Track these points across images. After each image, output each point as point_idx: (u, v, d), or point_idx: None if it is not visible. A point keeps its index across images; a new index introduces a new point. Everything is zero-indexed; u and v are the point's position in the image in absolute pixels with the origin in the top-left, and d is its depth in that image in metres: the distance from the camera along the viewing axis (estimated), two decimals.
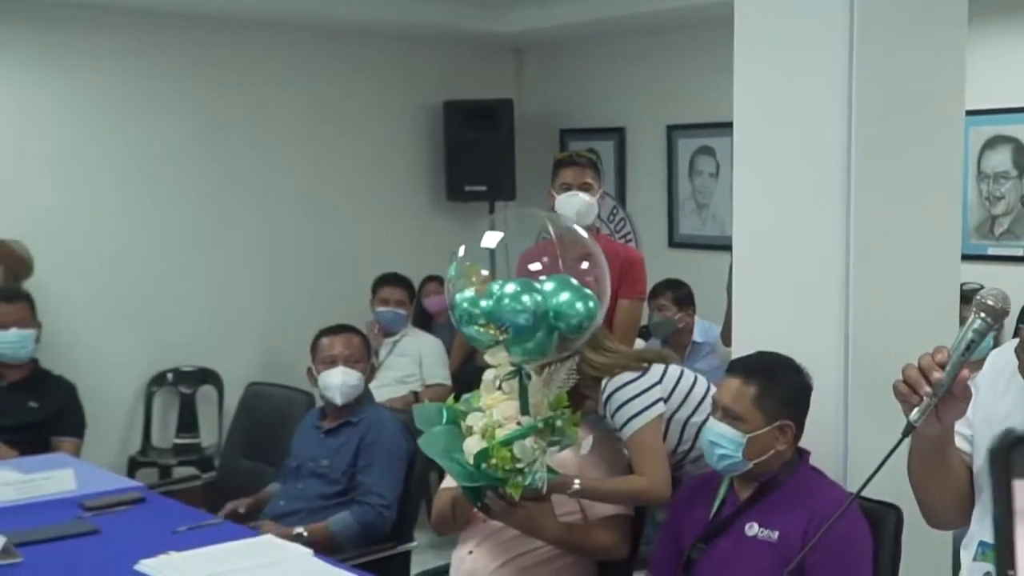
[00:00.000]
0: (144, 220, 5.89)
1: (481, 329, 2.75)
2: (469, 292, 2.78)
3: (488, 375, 2.88)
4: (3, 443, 4.20)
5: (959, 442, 1.93)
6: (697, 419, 3.19)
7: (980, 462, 1.93)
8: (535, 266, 2.81)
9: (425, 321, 6.30)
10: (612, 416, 3.06)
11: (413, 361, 5.65)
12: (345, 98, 6.64)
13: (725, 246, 6.19)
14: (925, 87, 3.32)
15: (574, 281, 2.79)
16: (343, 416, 3.77)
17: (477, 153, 6.84)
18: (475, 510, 3.02)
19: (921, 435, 1.81)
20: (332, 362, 3.80)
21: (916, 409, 1.72)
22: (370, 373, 3.90)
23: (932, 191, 3.38)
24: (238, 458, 4.32)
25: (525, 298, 2.70)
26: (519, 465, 2.74)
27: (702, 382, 3.28)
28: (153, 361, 5.97)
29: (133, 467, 5.65)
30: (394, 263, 6.10)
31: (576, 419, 2.92)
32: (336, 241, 6.53)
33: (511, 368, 2.83)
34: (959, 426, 1.91)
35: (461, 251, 2.90)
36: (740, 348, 3.19)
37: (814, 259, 3.25)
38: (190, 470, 5.61)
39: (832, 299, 3.20)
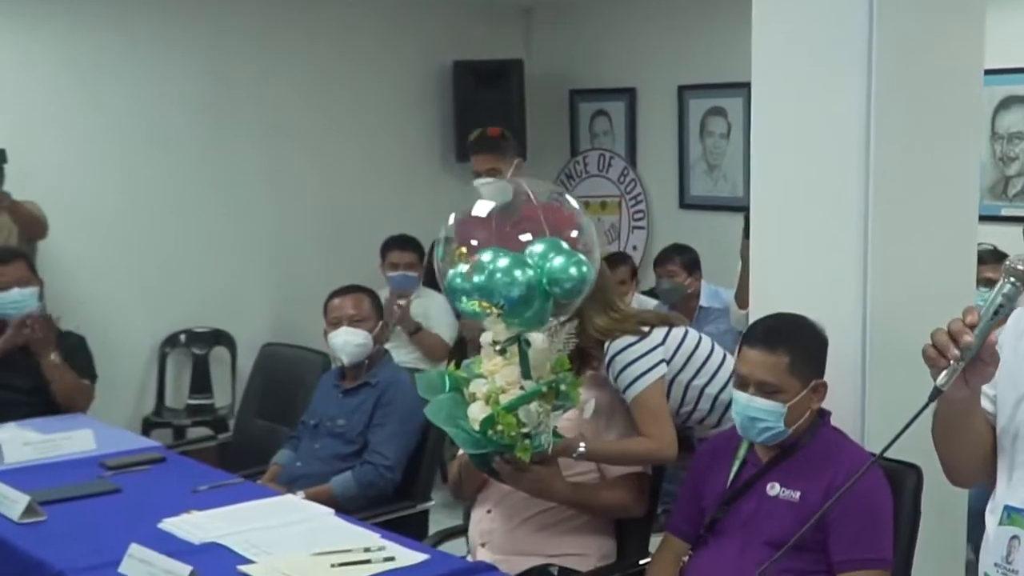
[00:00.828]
0: (155, 182, 5.88)
1: (476, 304, 2.76)
2: (463, 267, 2.79)
3: (486, 338, 2.88)
4: (23, 405, 4.20)
5: (983, 402, 1.94)
6: (699, 382, 3.23)
7: (1004, 421, 1.94)
8: (525, 236, 2.81)
9: (435, 283, 6.29)
10: (615, 379, 3.08)
11: (423, 321, 5.66)
12: (354, 59, 6.60)
13: (736, 207, 6.24)
14: (945, 47, 3.30)
15: (564, 244, 2.80)
16: (362, 377, 3.80)
17: (487, 114, 6.77)
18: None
19: (947, 398, 1.82)
20: (337, 323, 3.82)
21: (944, 373, 1.73)
22: (382, 332, 3.88)
23: (950, 152, 3.37)
24: (253, 418, 4.35)
25: (517, 272, 2.71)
26: (524, 430, 2.76)
27: (706, 343, 3.31)
28: (166, 323, 5.98)
29: (147, 427, 5.68)
30: (405, 224, 6.08)
31: (579, 382, 2.94)
32: (346, 202, 6.51)
33: (508, 338, 2.83)
34: (983, 386, 1.92)
35: (451, 221, 2.91)
36: (757, 311, 3.19)
37: (832, 220, 3.24)
38: (204, 431, 5.64)
39: (850, 260, 3.20)
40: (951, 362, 1.72)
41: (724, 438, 2.89)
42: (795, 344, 2.69)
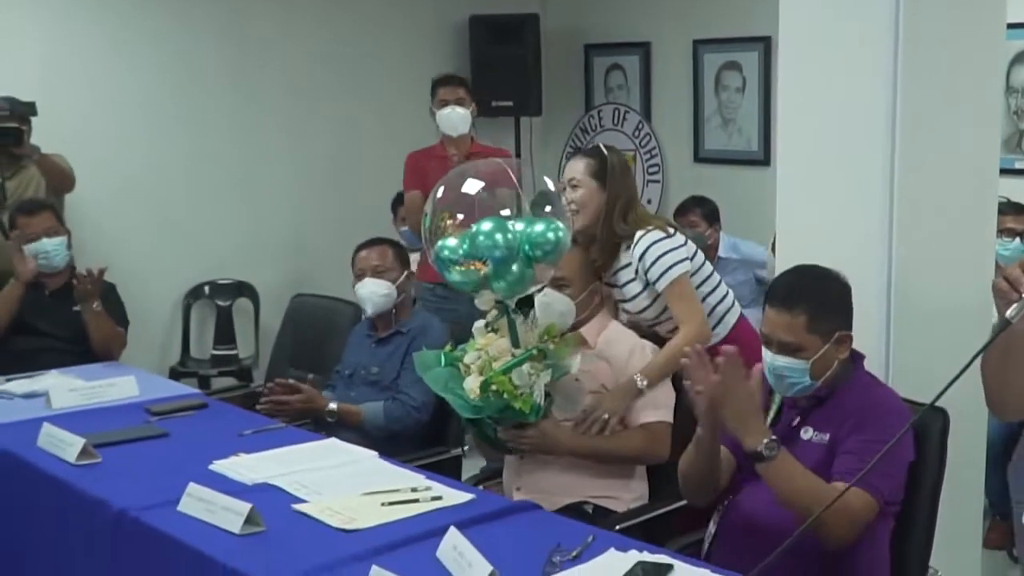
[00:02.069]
0: (179, 137, 5.94)
1: (462, 269, 2.99)
2: (451, 241, 3.03)
3: (478, 325, 3.16)
4: (57, 352, 4.30)
5: None
6: (705, 289, 3.52)
7: None
8: (505, 211, 3.08)
9: None
10: (647, 271, 3.37)
11: None
12: (371, 14, 6.63)
13: (750, 161, 6.33)
14: (969, 3, 3.37)
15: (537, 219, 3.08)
16: (392, 326, 3.89)
17: (503, 68, 6.85)
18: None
19: (1011, 330, 1.90)
20: (362, 274, 3.91)
21: (1015, 306, 1.81)
22: (406, 282, 3.96)
23: (973, 105, 3.44)
24: (285, 367, 4.43)
25: (498, 236, 2.98)
26: (518, 392, 2.96)
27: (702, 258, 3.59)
28: (190, 275, 6.06)
29: (173, 377, 5.73)
30: None
31: (569, 341, 3.13)
32: (365, 156, 6.55)
33: (497, 310, 3.09)
34: None
35: (440, 192, 3.15)
36: (783, 265, 3.27)
37: (858, 174, 3.32)
38: (229, 381, 5.74)
39: (876, 213, 3.28)
40: (1022, 295, 1.80)
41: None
42: (813, 301, 2.69)
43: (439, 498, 2.71)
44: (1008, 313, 1.82)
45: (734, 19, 6.36)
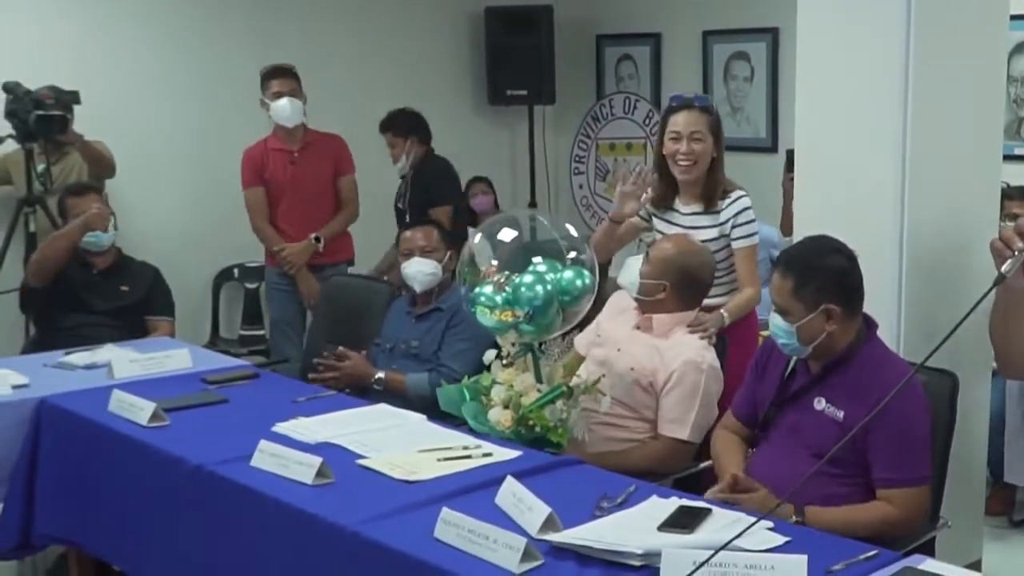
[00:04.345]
0: (210, 122, 6.15)
1: (500, 317, 3.23)
2: (487, 288, 3.27)
3: (490, 355, 3.37)
4: (105, 327, 4.51)
5: None
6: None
7: None
8: (536, 259, 3.32)
9: (472, 220, 6.59)
10: (734, 228, 3.78)
11: None
12: (389, 7, 6.84)
13: (759, 148, 6.55)
14: None
15: (557, 264, 3.31)
16: (432, 303, 4.10)
17: (517, 58, 7.06)
18: None
19: (1009, 288, 2.09)
20: (409, 253, 4.11)
21: (1008, 262, 1.98)
22: (450, 261, 4.17)
23: (979, 90, 3.67)
24: (323, 343, 4.63)
25: (539, 288, 3.21)
26: (551, 424, 3.15)
27: None
28: (219, 257, 6.28)
29: None
30: None
31: (597, 381, 3.28)
32: (381, 144, 6.71)
33: (518, 348, 3.29)
34: None
35: (476, 239, 3.40)
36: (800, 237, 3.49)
37: (872, 155, 3.54)
38: (259, 359, 5.93)
39: (888, 195, 3.50)
40: (1015, 252, 1.98)
41: None
42: (803, 270, 2.81)
43: (490, 454, 2.93)
44: (1003, 268, 1.98)
45: (743, 10, 6.56)
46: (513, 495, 2.52)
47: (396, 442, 3.05)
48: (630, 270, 3.54)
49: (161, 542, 3.08)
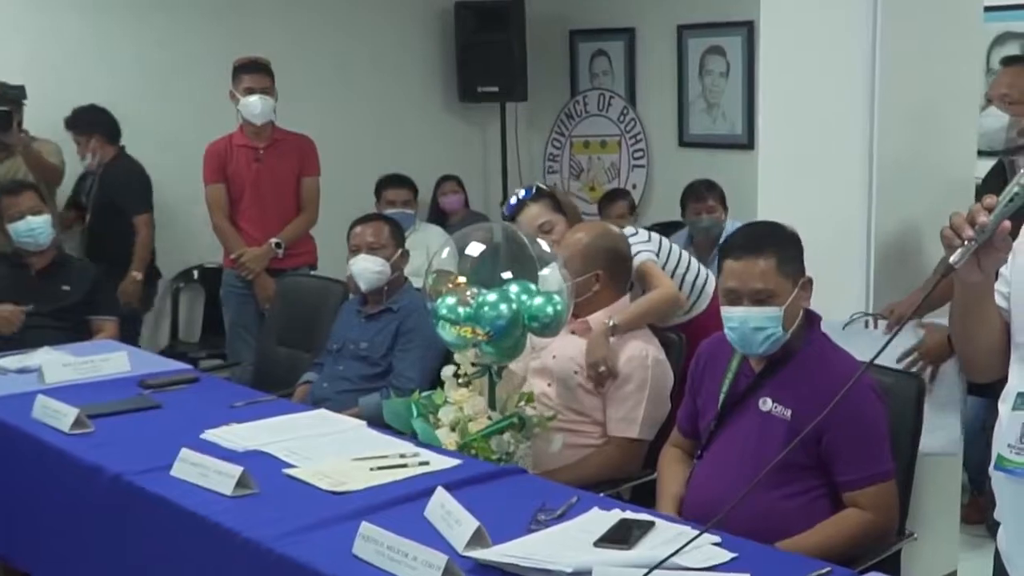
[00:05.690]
0: (168, 118, 5.98)
1: (460, 332, 3.06)
2: (451, 299, 3.10)
3: (447, 371, 3.20)
4: (48, 329, 4.35)
5: (997, 299, 2.06)
6: (680, 270, 3.79)
7: (1021, 320, 2.04)
8: (506, 274, 3.17)
9: (441, 220, 6.44)
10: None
11: (422, 253, 5.77)
12: (358, 2, 6.70)
13: (735, 145, 6.39)
14: None
15: (532, 285, 3.13)
16: (383, 303, 3.94)
17: (488, 54, 6.91)
18: None
19: (964, 282, 1.95)
20: (357, 249, 3.96)
21: (958, 251, 1.85)
22: (400, 259, 4.02)
23: (951, 88, 3.54)
24: (275, 346, 4.49)
25: (503, 307, 3.05)
26: (495, 456, 2.98)
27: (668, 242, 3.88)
28: (179, 259, 6.11)
29: None
30: (409, 164, 6.22)
31: (551, 418, 3.14)
32: (351, 142, 6.59)
33: (476, 368, 3.13)
34: (998, 285, 2.06)
35: (444, 254, 3.25)
36: None
37: (839, 153, 3.43)
38: (217, 362, 5.77)
39: (856, 193, 3.40)
40: (965, 242, 1.85)
41: (720, 342, 2.82)
42: (776, 245, 2.67)
43: (427, 463, 2.78)
44: (952, 258, 1.86)
45: (717, 4, 6.42)
46: (442, 507, 2.37)
47: (330, 449, 2.92)
48: (550, 280, 3.27)
49: (80, 556, 2.93)
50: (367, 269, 3.91)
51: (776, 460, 2.26)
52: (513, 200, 3.79)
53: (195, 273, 6.19)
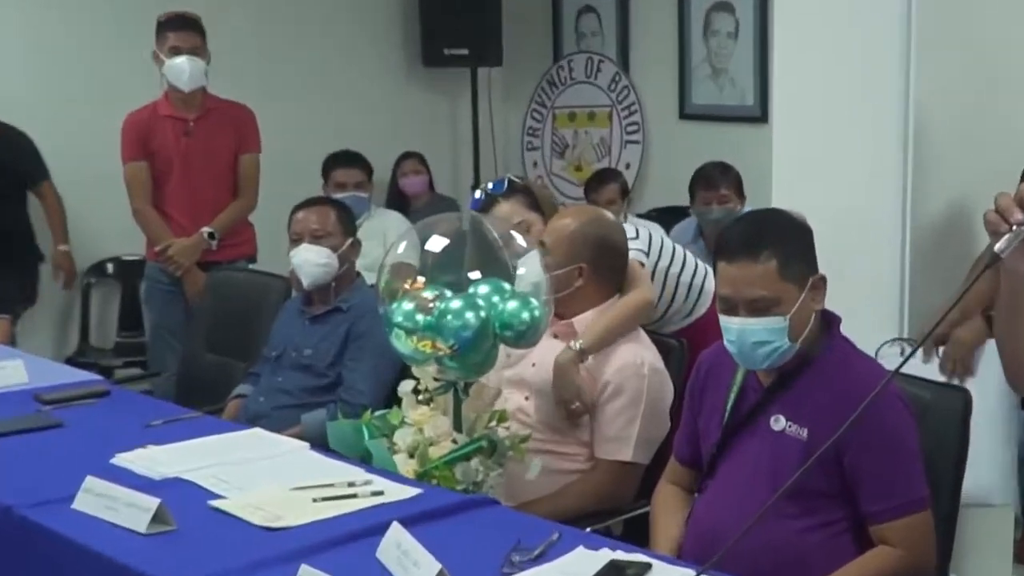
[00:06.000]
0: (88, 99, 5.94)
1: (419, 345, 2.99)
2: (408, 305, 3.02)
3: (405, 387, 3.16)
4: None
5: None
6: (675, 270, 3.79)
7: None
8: (474, 274, 3.11)
9: (402, 205, 6.39)
10: None
11: (379, 243, 5.72)
12: None
13: (745, 117, 6.37)
14: None
15: (506, 285, 3.07)
16: (331, 302, 3.90)
17: (458, 12, 6.90)
18: None
19: (1011, 273, 1.91)
20: (299, 239, 3.92)
21: (1004, 239, 1.81)
22: (350, 250, 3.97)
23: (997, 58, 3.53)
24: (203, 353, 4.44)
25: (469, 315, 2.97)
26: (461, 487, 2.93)
27: (669, 240, 3.93)
28: (90, 250, 6.05)
29: None
30: (364, 140, 6.18)
31: (525, 438, 3.11)
32: (296, 113, 6.54)
33: (439, 383, 3.08)
34: None
35: (401, 248, 3.18)
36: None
37: (873, 127, 3.41)
38: (136, 371, 5.72)
39: (890, 173, 3.37)
40: (1013, 227, 1.81)
41: (722, 351, 2.75)
42: (778, 242, 2.61)
43: (380, 493, 2.72)
44: (997, 247, 1.82)
45: None
46: (398, 547, 2.31)
47: (266, 476, 2.86)
48: (528, 273, 3.23)
49: None
50: (309, 261, 3.86)
51: (788, 485, 2.20)
52: (479, 195, 3.74)
53: (109, 267, 6.16)
